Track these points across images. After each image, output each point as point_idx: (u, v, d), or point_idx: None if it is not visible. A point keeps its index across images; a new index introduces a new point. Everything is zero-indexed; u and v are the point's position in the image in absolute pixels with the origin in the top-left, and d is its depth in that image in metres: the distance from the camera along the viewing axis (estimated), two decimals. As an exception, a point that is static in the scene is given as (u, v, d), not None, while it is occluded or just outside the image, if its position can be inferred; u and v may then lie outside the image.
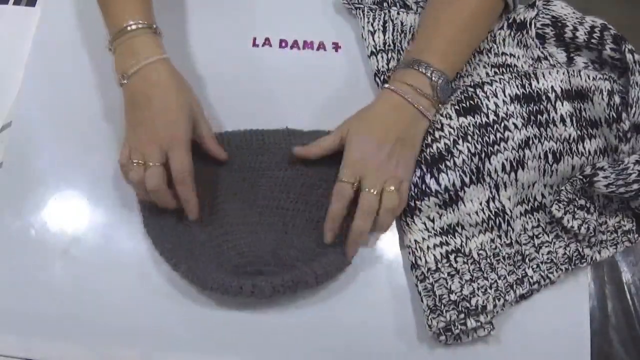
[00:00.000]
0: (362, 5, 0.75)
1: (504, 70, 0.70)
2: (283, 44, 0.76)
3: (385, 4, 0.76)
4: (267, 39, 0.76)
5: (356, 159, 0.62)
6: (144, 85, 0.62)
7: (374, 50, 0.73)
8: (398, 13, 0.75)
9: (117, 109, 0.71)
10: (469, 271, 0.62)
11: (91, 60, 0.74)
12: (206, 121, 0.66)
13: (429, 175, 0.63)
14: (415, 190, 0.64)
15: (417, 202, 0.64)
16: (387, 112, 0.64)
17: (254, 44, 0.75)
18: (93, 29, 0.75)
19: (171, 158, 0.61)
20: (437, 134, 0.64)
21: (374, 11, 0.75)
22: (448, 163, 0.63)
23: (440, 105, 0.66)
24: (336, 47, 0.76)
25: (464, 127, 0.64)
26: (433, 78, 0.64)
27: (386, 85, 0.65)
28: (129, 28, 0.63)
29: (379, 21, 0.74)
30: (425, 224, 0.64)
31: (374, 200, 0.61)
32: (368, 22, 0.74)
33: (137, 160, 0.61)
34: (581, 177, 0.63)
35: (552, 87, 0.66)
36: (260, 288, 0.59)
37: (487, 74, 0.71)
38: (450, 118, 0.65)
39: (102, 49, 0.74)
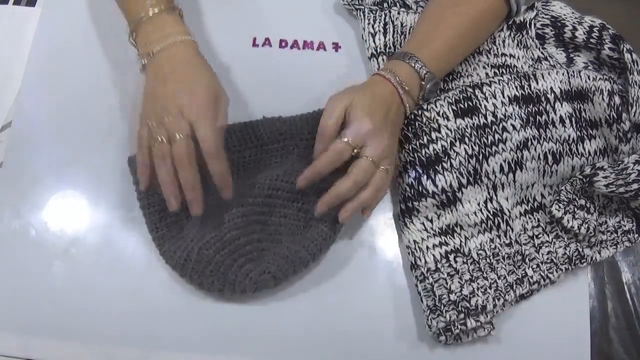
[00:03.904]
0: (362, 7, 0.75)
1: (504, 71, 0.70)
2: (283, 44, 0.76)
3: (385, 4, 0.76)
4: (267, 39, 0.76)
5: (361, 129, 0.59)
6: (170, 60, 0.59)
7: (375, 52, 0.73)
8: (398, 13, 0.75)
9: (117, 108, 0.71)
10: (469, 271, 0.62)
11: (91, 60, 0.73)
12: (226, 118, 0.61)
13: (425, 177, 0.63)
14: (412, 191, 0.64)
15: (414, 203, 0.64)
16: (385, 97, 0.62)
17: (254, 44, 0.75)
18: (93, 29, 0.75)
19: (199, 130, 0.56)
20: (433, 135, 0.64)
21: (374, 12, 0.75)
22: (445, 164, 0.63)
23: (421, 102, 0.65)
24: (336, 47, 0.76)
25: (461, 129, 0.64)
26: (425, 79, 0.63)
27: (381, 72, 0.64)
28: (152, 12, 0.61)
29: (379, 23, 0.74)
30: (424, 224, 0.64)
31: (370, 169, 0.59)
32: (369, 24, 0.74)
33: (161, 137, 0.56)
34: (581, 177, 0.63)
35: (551, 88, 0.66)
36: (264, 281, 0.59)
37: (486, 74, 0.71)
38: (448, 119, 0.65)
39: (102, 49, 0.74)
